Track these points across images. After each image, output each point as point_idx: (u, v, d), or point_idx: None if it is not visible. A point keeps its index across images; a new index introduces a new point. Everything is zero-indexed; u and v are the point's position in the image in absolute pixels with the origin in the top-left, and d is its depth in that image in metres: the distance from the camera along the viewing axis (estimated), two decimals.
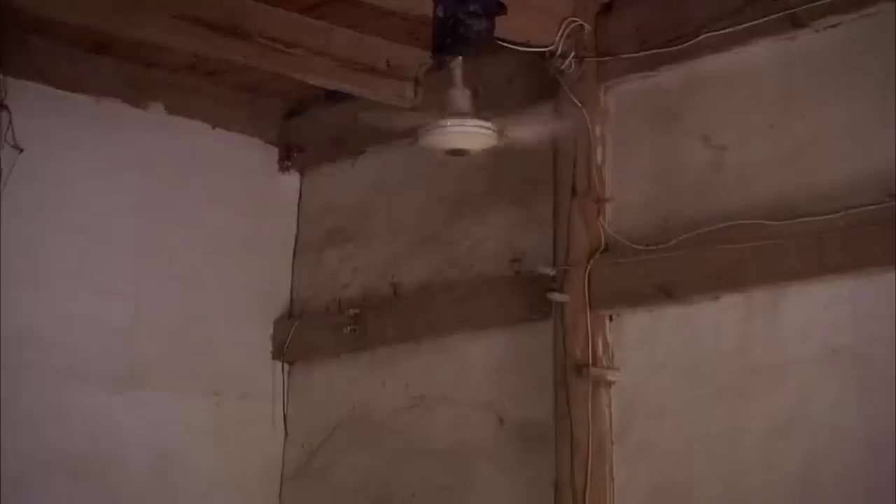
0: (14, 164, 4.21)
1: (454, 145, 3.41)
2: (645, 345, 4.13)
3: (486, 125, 3.40)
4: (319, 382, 5.19)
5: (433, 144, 3.42)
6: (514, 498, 4.38)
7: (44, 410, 4.52)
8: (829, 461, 3.62)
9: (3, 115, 4.25)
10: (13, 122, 4.27)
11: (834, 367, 3.66)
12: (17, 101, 4.40)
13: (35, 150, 4.41)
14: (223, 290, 5.14)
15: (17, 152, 4.23)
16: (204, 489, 4.91)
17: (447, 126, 3.36)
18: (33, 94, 4.53)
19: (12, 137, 4.23)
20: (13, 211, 4.17)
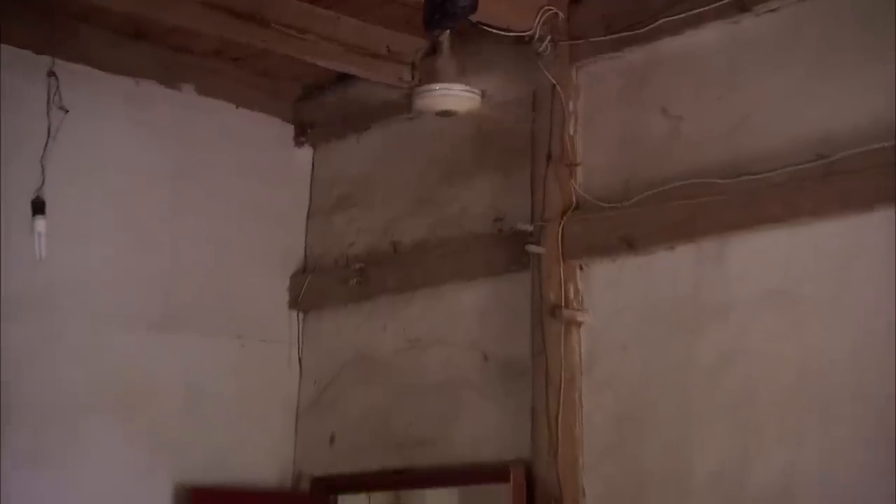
0: (61, 124, 4.19)
1: (443, 107, 3.47)
2: (610, 290, 4.15)
3: (470, 89, 3.45)
4: (329, 328, 5.19)
5: (425, 107, 3.47)
6: (498, 423, 4.40)
7: (92, 348, 4.52)
8: (766, 385, 3.66)
9: (51, 81, 4.23)
10: (60, 89, 4.24)
11: (770, 305, 3.70)
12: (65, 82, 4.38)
13: (81, 120, 4.40)
14: (246, 248, 5.13)
15: (64, 113, 4.21)
16: (229, 419, 4.91)
17: (437, 90, 3.42)
18: (80, 75, 4.52)
19: (59, 100, 4.21)
20: (61, 170, 4.14)
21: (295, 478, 5.07)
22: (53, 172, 3.82)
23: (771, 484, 3.58)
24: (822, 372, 3.55)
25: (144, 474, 4.60)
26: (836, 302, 3.55)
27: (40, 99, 4.24)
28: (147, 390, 4.68)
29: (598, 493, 4.02)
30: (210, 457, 4.80)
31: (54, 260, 4.28)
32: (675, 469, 3.84)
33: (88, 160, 4.54)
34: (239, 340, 5.04)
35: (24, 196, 3.69)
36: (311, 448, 5.08)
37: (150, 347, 4.71)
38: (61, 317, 4.44)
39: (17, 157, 4.18)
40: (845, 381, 3.48)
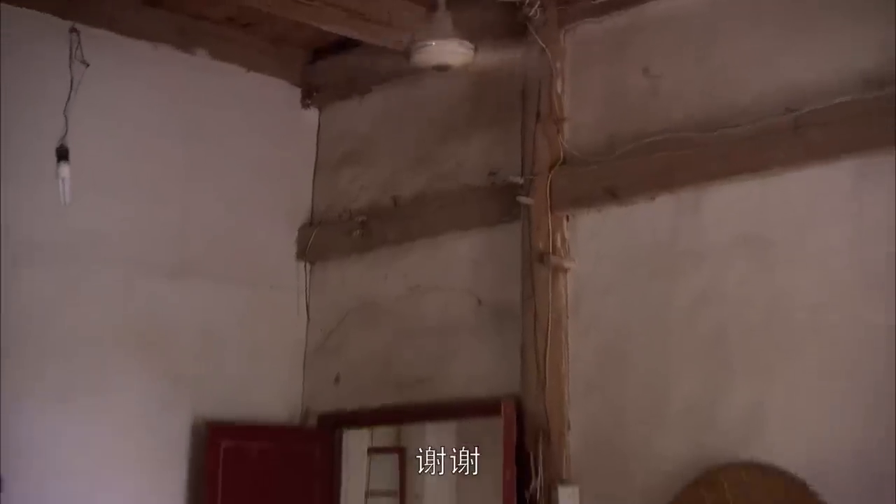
0: (82, 80, 4.17)
1: (438, 61, 3.47)
2: (594, 238, 4.19)
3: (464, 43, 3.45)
4: (334, 277, 5.21)
5: (422, 61, 3.47)
6: (490, 362, 4.45)
7: (115, 292, 4.55)
8: (737, 324, 3.72)
9: (73, 37, 4.20)
10: (81, 45, 4.23)
11: (742, 251, 3.74)
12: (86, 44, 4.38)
13: (101, 79, 4.39)
14: (256, 202, 5.14)
15: (85, 67, 4.19)
16: (242, 360, 4.95)
17: (433, 45, 3.42)
18: (101, 38, 4.51)
19: (80, 54, 4.20)
20: (82, 125, 4.12)
21: (303, 414, 5.12)
22: (75, 127, 3.80)
23: (740, 414, 3.65)
24: (789, 311, 3.60)
25: (165, 409, 4.64)
26: (802, 246, 3.60)
27: (63, 54, 4.23)
28: (166, 332, 4.71)
29: (583, 425, 4.08)
30: (225, 394, 4.84)
31: (78, 211, 4.31)
32: (652, 402, 3.90)
33: (108, 117, 4.53)
34: (251, 288, 5.05)
35: (49, 148, 3.69)
36: (317, 387, 5.12)
37: (168, 293, 4.73)
38: (86, 263, 4.46)
39: (42, 108, 4.18)
40: (810, 320, 3.54)
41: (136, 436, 4.54)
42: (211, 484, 4.62)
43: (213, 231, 4.96)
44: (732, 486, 3.58)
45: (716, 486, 3.62)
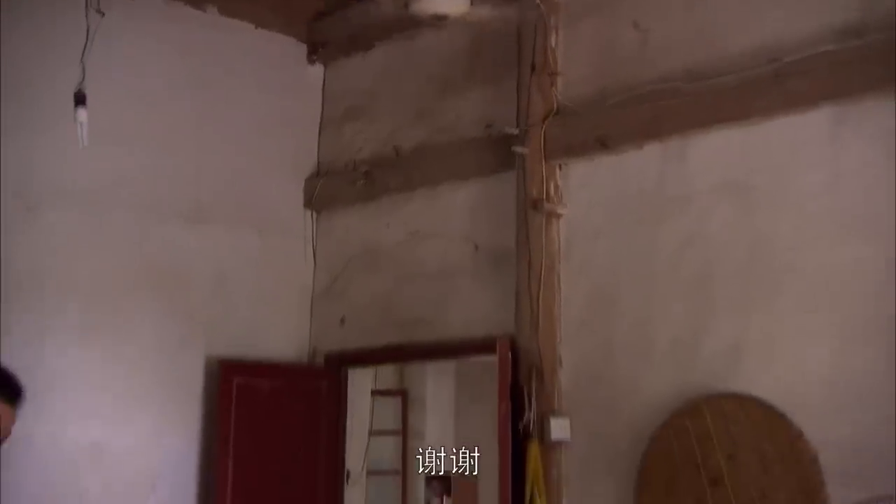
0: (97, 29, 4.09)
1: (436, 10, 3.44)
2: (585, 185, 4.18)
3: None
4: (339, 225, 5.20)
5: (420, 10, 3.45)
6: (487, 304, 4.46)
7: (132, 236, 4.55)
8: (720, 266, 3.73)
9: None
10: None
11: (725, 196, 3.75)
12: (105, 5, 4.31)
13: (115, 33, 4.32)
14: (265, 154, 5.13)
15: (101, 16, 4.11)
16: (253, 302, 4.96)
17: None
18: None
19: (97, 3, 4.11)
20: (98, 75, 4.04)
21: (310, 353, 5.14)
22: (92, 76, 3.75)
23: (721, 349, 3.68)
24: (769, 252, 3.61)
25: (180, 348, 4.66)
26: (782, 190, 3.61)
27: (79, 2, 4.15)
28: (180, 275, 4.71)
29: (574, 362, 4.11)
30: (236, 334, 4.86)
31: (96, 158, 4.28)
32: (639, 339, 3.93)
33: (123, 68, 4.49)
34: (261, 235, 5.04)
35: (67, 95, 3.65)
36: (324, 328, 5.14)
37: (182, 238, 4.73)
38: (105, 208, 4.46)
39: (59, 56, 4.13)
40: (789, 260, 3.56)
41: (153, 373, 4.56)
42: (224, 418, 4.65)
43: (225, 180, 4.94)
44: (714, 416, 3.62)
45: (698, 415, 3.66)
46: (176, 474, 4.57)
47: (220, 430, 4.64)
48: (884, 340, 3.29)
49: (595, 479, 3.95)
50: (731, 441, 3.56)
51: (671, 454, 3.71)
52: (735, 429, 3.56)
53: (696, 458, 3.64)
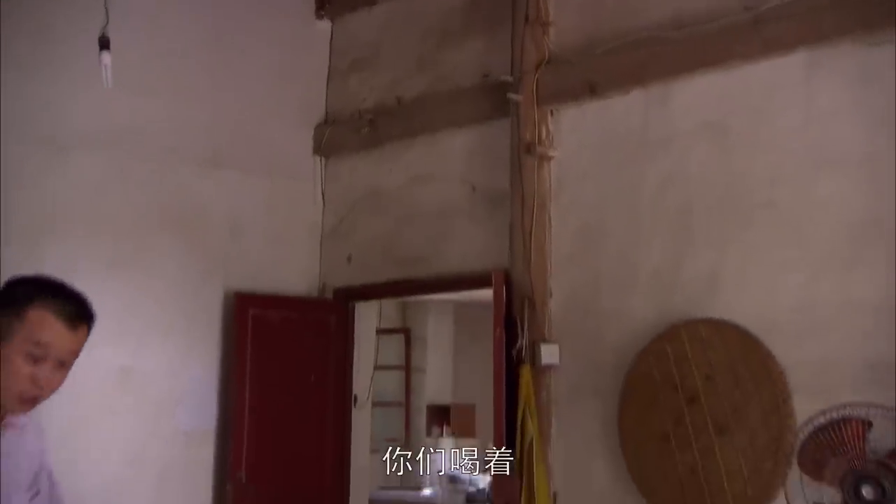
0: None
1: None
2: (575, 129, 4.16)
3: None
4: (346, 170, 5.18)
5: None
6: (483, 240, 4.45)
7: (154, 179, 4.53)
8: (698, 202, 3.73)
9: None
10: None
11: (704, 136, 3.73)
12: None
13: None
14: (277, 103, 5.08)
15: None
16: (265, 242, 4.95)
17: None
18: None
19: None
20: (120, 24, 3.89)
21: (320, 288, 5.15)
22: (115, 24, 3.68)
23: (699, 277, 3.69)
24: (745, 189, 3.61)
25: (199, 282, 4.67)
26: (758, 131, 3.59)
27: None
28: (199, 216, 4.70)
29: (563, 293, 4.12)
30: (251, 271, 4.86)
31: (119, 105, 4.27)
32: (624, 271, 3.93)
33: (144, 18, 4.43)
34: (272, 179, 5.03)
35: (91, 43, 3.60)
36: (332, 265, 5.14)
37: (200, 182, 4.71)
38: (127, 152, 4.44)
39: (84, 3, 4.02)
40: (764, 196, 3.55)
41: (176, 305, 4.58)
42: (240, 346, 4.68)
43: (239, 128, 4.90)
44: (691, 340, 3.64)
45: (676, 339, 3.68)
46: (197, 398, 4.62)
47: (238, 357, 4.67)
48: (849, 270, 3.31)
49: (582, 399, 3.98)
50: (707, 362, 3.58)
51: (652, 376, 3.73)
52: (711, 351, 3.58)
53: (675, 379, 3.66)
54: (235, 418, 4.60)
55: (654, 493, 3.68)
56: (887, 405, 2.65)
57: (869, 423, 2.65)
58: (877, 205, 3.27)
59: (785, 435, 3.28)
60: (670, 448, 3.64)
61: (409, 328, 8.71)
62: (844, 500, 2.65)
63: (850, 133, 3.35)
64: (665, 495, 3.64)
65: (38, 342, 1.87)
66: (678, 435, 3.62)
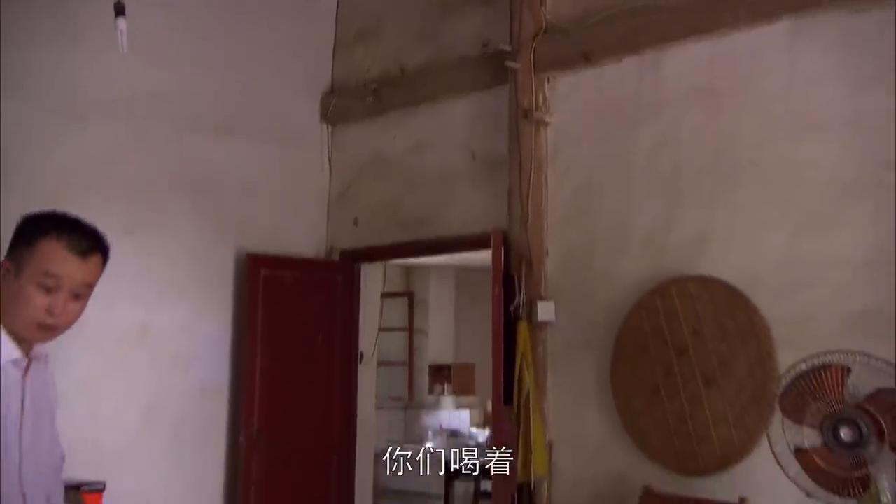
0: None
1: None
2: (571, 96, 4.15)
3: None
4: (352, 137, 5.17)
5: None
6: (483, 203, 4.45)
7: (168, 145, 4.52)
8: (688, 164, 3.72)
9: None
10: None
11: (694, 101, 3.72)
12: None
13: None
14: (285, 73, 5.06)
15: None
16: (275, 206, 4.96)
17: None
18: None
19: None
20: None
21: (327, 250, 5.16)
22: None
23: (689, 238, 3.70)
24: (732, 151, 3.61)
25: (213, 243, 4.67)
26: (745, 95, 3.58)
27: None
28: (212, 181, 4.70)
29: (559, 252, 4.13)
30: (262, 233, 4.87)
31: (135, 74, 4.23)
32: (616, 231, 3.94)
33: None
34: (282, 146, 5.02)
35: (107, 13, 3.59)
36: (339, 228, 5.15)
37: (213, 148, 4.69)
38: (143, 119, 4.42)
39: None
40: (750, 158, 3.55)
41: (191, 265, 4.59)
42: (252, 305, 4.70)
43: (250, 97, 4.89)
44: (680, 295, 3.66)
45: (666, 295, 3.70)
46: (211, 354, 4.64)
47: (249, 315, 4.69)
48: (830, 228, 3.32)
49: (576, 353, 4.00)
50: (696, 317, 3.60)
51: (642, 330, 3.76)
52: (699, 306, 3.60)
53: (665, 333, 3.69)
54: (247, 373, 4.63)
55: (645, 441, 3.71)
56: (865, 352, 2.67)
57: (848, 369, 2.67)
58: (858, 165, 3.27)
59: (769, 384, 3.31)
60: (660, 398, 3.67)
61: (413, 292, 8.74)
62: (824, 441, 2.68)
63: (833, 97, 3.34)
64: (655, 442, 3.68)
65: (48, 273, 1.87)
66: (668, 386, 3.65)
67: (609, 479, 3.81)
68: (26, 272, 1.88)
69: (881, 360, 2.64)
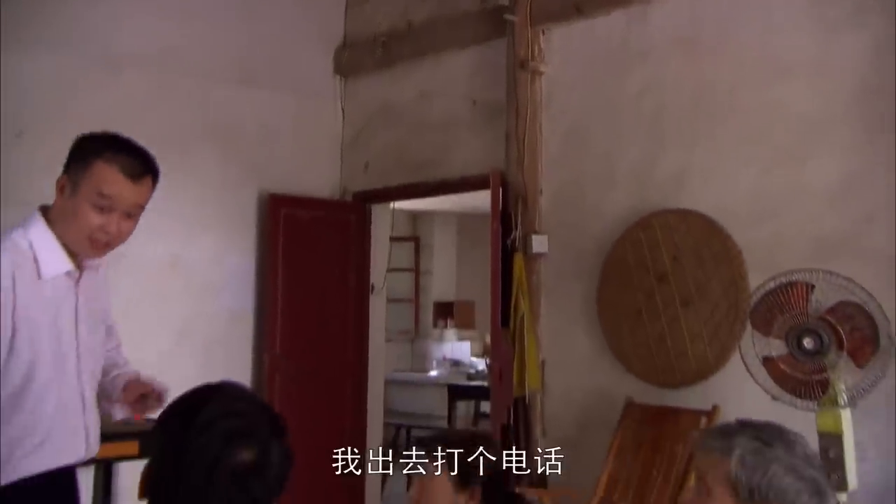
0: None
1: None
2: (564, 47, 4.11)
3: None
4: (363, 88, 5.13)
5: None
6: (482, 147, 4.42)
7: (195, 96, 4.48)
8: (671, 107, 3.71)
9: None
10: None
11: (678, 49, 3.69)
12: None
13: None
14: (301, 29, 5.01)
15: None
16: (293, 151, 4.94)
17: None
18: None
19: None
20: None
21: (341, 192, 5.16)
22: None
23: (670, 174, 3.70)
24: (711, 95, 3.59)
25: (237, 185, 4.68)
26: (723, 43, 3.56)
27: None
28: (235, 128, 4.68)
29: (552, 190, 4.13)
30: (282, 176, 4.86)
31: (164, 29, 4.22)
32: (604, 170, 3.94)
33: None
34: (298, 96, 4.99)
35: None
36: (351, 172, 5.14)
37: (235, 98, 4.67)
38: (171, 72, 4.40)
39: None
40: (727, 101, 3.54)
41: (216, 204, 4.60)
42: (273, 240, 4.72)
43: (270, 51, 4.84)
44: (661, 227, 3.68)
45: (649, 227, 3.72)
46: (237, 283, 4.68)
47: (271, 249, 4.72)
48: (799, 163, 3.32)
49: (566, 281, 4.04)
50: (675, 246, 3.63)
51: (626, 259, 3.78)
52: (678, 236, 3.62)
53: (647, 261, 3.72)
54: (270, 301, 4.68)
55: (628, 358, 3.77)
56: (828, 270, 2.70)
57: (812, 286, 2.70)
58: (824, 104, 3.26)
59: (740, 303, 3.35)
60: (642, 320, 3.71)
61: (419, 237, 8.75)
62: (789, 350, 2.72)
63: (803, 41, 3.31)
64: (637, 359, 3.73)
65: (102, 193, 1.88)
66: (649, 309, 3.69)
67: (596, 392, 3.87)
68: (82, 191, 1.89)
69: (842, 277, 2.66)
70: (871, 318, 2.60)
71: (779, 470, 1.35)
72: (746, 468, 1.36)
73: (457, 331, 8.37)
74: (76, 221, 1.89)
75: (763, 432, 1.40)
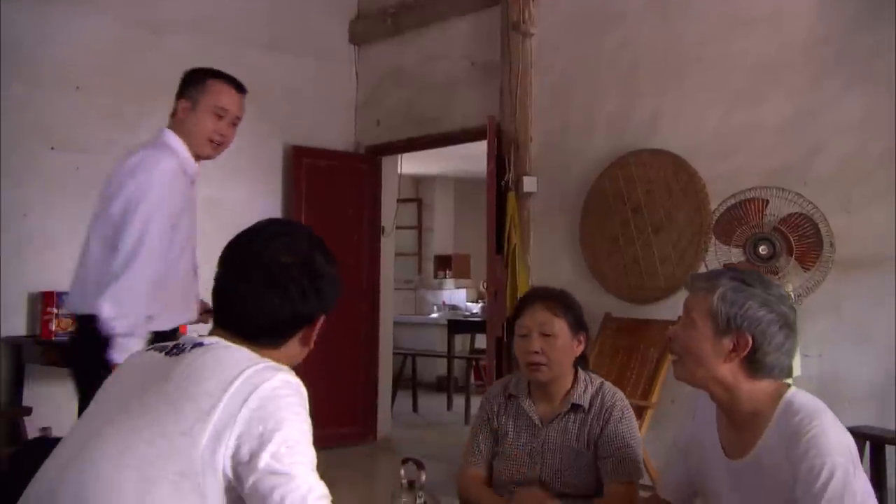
0: None
1: None
2: (551, 11, 4.11)
3: None
4: (375, 53, 5.13)
5: None
6: (479, 104, 4.38)
7: (228, 60, 4.05)
8: (645, 62, 3.74)
9: None
10: None
11: (652, 9, 3.70)
12: None
13: None
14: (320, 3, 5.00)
15: None
16: (315, 109, 4.95)
17: None
18: None
19: None
20: None
21: (356, 146, 5.18)
22: None
23: (643, 119, 3.75)
24: (681, 48, 3.63)
25: (265, 137, 4.68)
26: (690, 4, 3.58)
27: None
28: (263, 89, 4.40)
29: (542, 137, 4.17)
30: (303, 131, 4.88)
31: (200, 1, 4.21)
32: (587, 117, 3.98)
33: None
34: (317, 61, 5.00)
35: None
36: (365, 128, 5.15)
37: (263, 61, 4.65)
38: (207, 37, 4.39)
39: None
40: (695, 53, 3.56)
41: (247, 154, 4.50)
42: (297, 187, 4.77)
43: (293, 20, 4.84)
44: (636, 164, 3.73)
45: (625, 165, 3.77)
46: None
47: (294, 195, 4.76)
48: (756, 104, 3.37)
49: (553, 216, 4.10)
50: (648, 181, 3.69)
51: (605, 193, 3.84)
52: (651, 172, 3.68)
53: (623, 195, 3.78)
54: None
55: (606, 279, 3.84)
56: (780, 187, 2.76)
57: (766, 201, 2.76)
58: (776, 52, 3.30)
59: (704, 228, 3.41)
60: (618, 246, 3.78)
61: (421, 198, 8.79)
62: (747, 257, 2.79)
63: (761, 2, 3.34)
64: (613, 279, 3.81)
65: (219, 105, 2.06)
66: (625, 236, 3.76)
67: None
68: (201, 104, 2.16)
69: (793, 192, 2.73)
70: (817, 227, 2.67)
71: (754, 304, 1.35)
72: (726, 302, 1.36)
73: (454, 280, 8.44)
74: (198, 128, 2.08)
75: (745, 274, 1.41)
